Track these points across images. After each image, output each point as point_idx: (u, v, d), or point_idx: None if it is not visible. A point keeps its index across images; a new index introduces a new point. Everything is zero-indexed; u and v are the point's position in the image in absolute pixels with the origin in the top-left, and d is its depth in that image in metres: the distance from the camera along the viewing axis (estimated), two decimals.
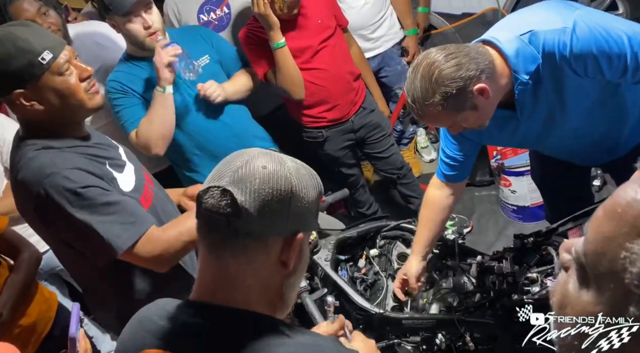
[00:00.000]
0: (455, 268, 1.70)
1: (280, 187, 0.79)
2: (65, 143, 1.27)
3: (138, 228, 1.25)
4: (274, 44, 1.99)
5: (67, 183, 1.19)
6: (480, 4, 3.00)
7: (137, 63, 1.93)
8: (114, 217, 1.23)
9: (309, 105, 2.21)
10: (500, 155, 2.39)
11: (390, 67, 2.82)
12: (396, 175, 2.51)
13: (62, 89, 1.22)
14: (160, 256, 1.28)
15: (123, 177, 1.36)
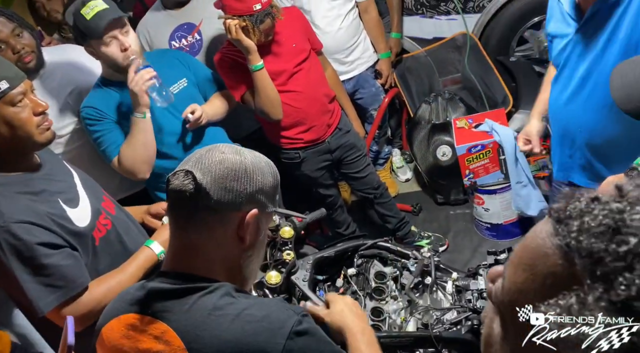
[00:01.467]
0: (431, 286, 1.72)
1: (235, 168, 0.92)
2: (11, 181, 1.26)
3: (63, 293, 1.28)
4: (252, 67, 2.01)
5: (11, 239, 1.20)
6: (450, 29, 3.11)
7: (113, 88, 1.92)
8: (45, 279, 1.25)
9: (285, 126, 2.24)
10: (473, 174, 2.45)
11: (365, 89, 2.88)
12: (373, 195, 2.54)
13: (13, 119, 1.23)
14: (84, 317, 1.31)
15: (76, 213, 1.36)
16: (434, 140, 2.76)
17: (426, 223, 2.90)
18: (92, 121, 1.88)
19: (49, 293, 1.26)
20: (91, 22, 1.72)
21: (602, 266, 0.42)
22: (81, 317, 1.30)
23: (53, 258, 1.25)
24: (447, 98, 2.78)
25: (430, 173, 2.86)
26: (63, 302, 1.28)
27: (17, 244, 1.20)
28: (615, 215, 0.43)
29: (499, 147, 2.37)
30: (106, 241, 1.42)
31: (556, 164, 1.83)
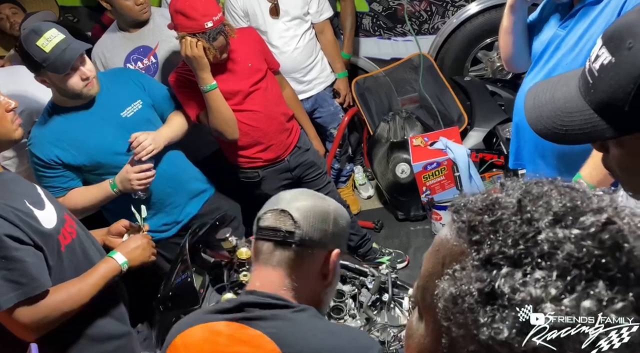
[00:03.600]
0: (388, 303, 1.74)
1: (323, 211, 1.05)
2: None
3: (25, 291, 1.26)
4: (205, 87, 2.00)
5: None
6: (407, 50, 3.20)
7: (63, 114, 1.88)
8: (8, 274, 1.22)
9: (243, 146, 2.24)
10: (430, 191, 2.50)
11: (323, 108, 2.92)
12: None
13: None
14: (38, 323, 1.29)
15: (44, 215, 1.36)
16: (393, 158, 2.82)
17: (388, 240, 2.93)
18: (40, 168, 1.86)
19: (10, 290, 1.23)
20: (51, 55, 1.67)
21: (476, 233, 0.50)
22: (36, 322, 1.28)
23: (18, 252, 1.23)
24: (404, 117, 2.85)
25: (390, 190, 2.91)
26: (23, 300, 1.25)
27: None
28: (492, 198, 0.52)
29: (453, 164, 2.43)
30: (71, 250, 1.41)
31: (512, 152, 1.84)
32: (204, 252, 1.88)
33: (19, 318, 1.26)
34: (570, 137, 0.77)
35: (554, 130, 0.78)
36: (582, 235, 0.47)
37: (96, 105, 1.90)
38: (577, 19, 1.47)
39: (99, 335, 1.48)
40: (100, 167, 1.91)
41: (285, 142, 2.30)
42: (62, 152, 1.85)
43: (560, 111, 0.77)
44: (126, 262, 1.46)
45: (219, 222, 1.84)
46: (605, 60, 0.71)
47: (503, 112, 2.93)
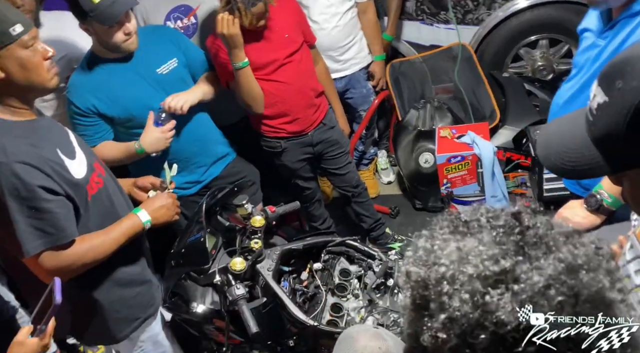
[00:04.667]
0: (393, 288, 1.76)
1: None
2: (17, 126, 1.29)
3: (51, 240, 1.31)
4: (237, 64, 2.01)
5: (12, 178, 1.22)
6: (448, 38, 3.13)
7: (102, 65, 1.92)
8: (37, 222, 1.27)
9: (269, 115, 2.25)
10: (450, 183, 2.49)
11: (356, 89, 2.90)
12: (351, 193, 2.57)
13: (27, 62, 1.27)
14: (62, 270, 1.34)
15: (74, 164, 1.40)
16: (418, 146, 2.79)
17: (402, 227, 2.93)
18: (76, 116, 1.90)
19: (38, 237, 1.28)
20: (99, 6, 1.69)
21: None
22: (59, 269, 1.33)
23: (49, 203, 1.28)
24: (436, 106, 2.81)
25: (411, 178, 2.89)
26: (49, 248, 1.30)
27: (17, 184, 1.23)
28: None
29: (478, 160, 2.40)
30: (97, 199, 1.45)
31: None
32: (219, 215, 1.93)
33: (44, 264, 1.32)
34: (577, 172, 0.81)
35: (562, 166, 0.82)
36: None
37: (134, 60, 1.93)
38: (616, 30, 1.43)
39: (122, 280, 1.54)
40: (132, 120, 1.95)
41: (311, 117, 2.30)
42: (98, 102, 1.90)
43: (567, 148, 0.81)
44: (149, 220, 1.49)
45: (237, 188, 1.87)
46: (600, 99, 0.75)
47: (537, 113, 2.86)
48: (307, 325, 1.58)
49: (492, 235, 0.56)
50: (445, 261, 0.55)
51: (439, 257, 0.56)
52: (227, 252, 1.78)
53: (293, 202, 1.98)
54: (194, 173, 2.15)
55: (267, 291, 1.67)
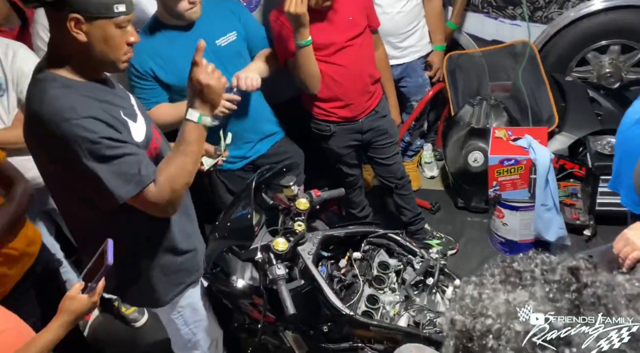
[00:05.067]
0: (432, 287, 1.73)
1: None
2: (84, 86, 1.32)
3: (139, 181, 1.31)
4: (300, 42, 1.97)
5: (83, 132, 1.24)
6: (512, 34, 3.01)
7: (164, 31, 1.92)
8: (119, 168, 1.29)
9: (323, 98, 2.23)
10: (499, 186, 2.41)
11: (411, 78, 2.83)
12: (394, 184, 2.53)
13: (111, 39, 1.29)
14: (167, 203, 1.36)
15: (136, 127, 1.42)
16: (469, 144, 2.72)
17: (441, 224, 2.88)
18: (134, 78, 1.92)
19: (126, 182, 1.29)
20: None
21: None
22: (166, 201, 1.35)
23: (124, 149, 1.30)
24: (491, 104, 2.72)
25: (457, 176, 2.83)
26: (141, 190, 1.31)
27: (90, 136, 1.24)
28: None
29: (532, 166, 2.32)
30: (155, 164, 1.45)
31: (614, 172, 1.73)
32: (264, 193, 1.93)
33: (143, 204, 1.34)
34: None
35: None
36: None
37: (195, 29, 1.93)
38: None
39: (172, 247, 1.57)
40: None
41: (365, 104, 2.26)
42: (156, 67, 1.91)
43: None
44: (200, 115, 1.37)
45: (286, 169, 1.86)
46: None
47: (598, 122, 2.73)
48: (343, 313, 1.57)
49: (545, 290, 0.52)
50: (493, 313, 0.52)
51: (487, 307, 0.53)
52: (269, 231, 1.78)
53: (337, 188, 1.96)
54: (241, 148, 2.15)
55: (306, 274, 1.66)
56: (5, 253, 1.66)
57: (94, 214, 1.42)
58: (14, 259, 1.71)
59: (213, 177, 2.19)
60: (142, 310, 2.61)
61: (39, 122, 1.27)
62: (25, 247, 1.75)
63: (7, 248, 1.67)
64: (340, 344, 1.65)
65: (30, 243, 1.78)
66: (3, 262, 1.67)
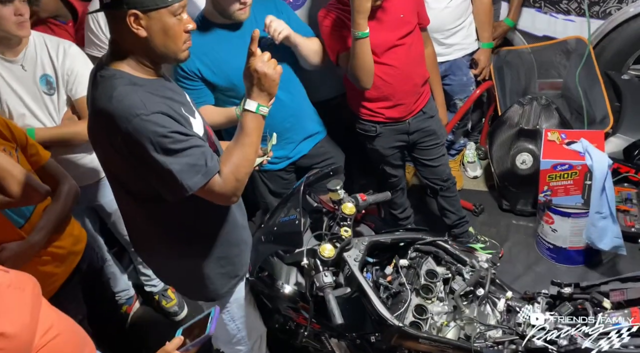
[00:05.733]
0: (482, 298, 1.67)
1: None
2: (148, 83, 1.34)
3: (206, 173, 1.33)
4: (357, 33, 1.90)
5: (153, 127, 1.26)
6: (565, 30, 2.87)
7: (211, 29, 1.90)
8: (189, 159, 1.31)
9: (370, 98, 2.17)
10: (551, 191, 2.31)
11: (455, 76, 2.74)
12: (440, 186, 2.46)
13: (170, 29, 1.30)
14: (231, 192, 1.38)
15: (196, 122, 1.43)
16: (517, 145, 2.62)
17: (485, 227, 2.80)
18: (181, 78, 1.90)
19: (195, 173, 1.31)
20: None
21: None
22: (230, 190, 1.37)
23: (190, 141, 1.31)
24: (542, 104, 2.60)
25: (504, 178, 2.73)
26: (208, 181, 1.33)
27: (160, 131, 1.26)
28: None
29: (587, 171, 2.21)
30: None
31: None
32: (308, 195, 1.90)
33: (215, 191, 1.36)
34: None
35: None
36: None
37: (242, 29, 1.91)
38: None
39: (228, 240, 1.59)
40: (234, 89, 1.94)
41: (413, 105, 2.20)
42: (203, 66, 1.90)
43: None
44: (258, 105, 1.39)
45: (333, 172, 1.83)
46: None
47: None
48: (391, 324, 1.53)
49: None
50: None
51: None
52: (314, 236, 1.76)
53: (383, 191, 1.92)
54: (284, 149, 2.12)
55: (352, 281, 1.63)
56: (52, 252, 1.69)
57: (154, 208, 1.44)
58: (61, 258, 1.73)
59: (255, 177, 2.18)
60: (182, 305, 2.65)
61: (108, 118, 1.28)
62: (72, 246, 1.77)
63: (54, 247, 1.69)
64: None
65: (76, 242, 1.80)
66: (50, 261, 1.69)
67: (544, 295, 1.58)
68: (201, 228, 1.53)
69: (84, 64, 1.94)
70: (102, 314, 2.02)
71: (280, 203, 1.82)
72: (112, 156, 1.37)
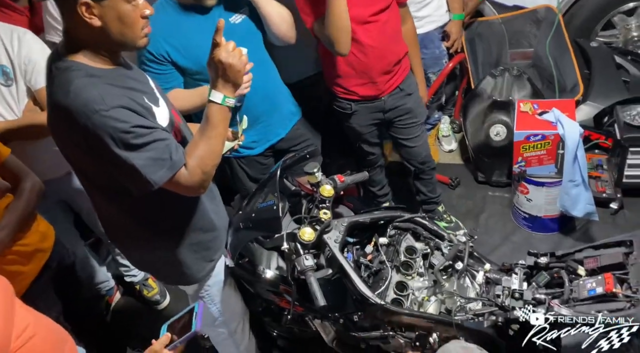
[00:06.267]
0: (461, 272, 1.70)
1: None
2: (107, 73, 1.29)
3: (172, 166, 1.31)
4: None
5: (114, 122, 1.23)
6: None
7: (180, 12, 1.83)
8: (152, 154, 1.28)
9: (343, 75, 2.14)
10: (525, 162, 2.34)
11: (427, 50, 2.72)
12: (416, 168, 2.46)
13: (125, 16, 1.25)
14: (198, 185, 1.37)
15: (159, 111, 1.40)
16: (491, 117, 2.63)
17: (461, 200, 2.83)
18: (148, 63, 1.84)
19: (160, 167, 1.29)
20: None
21: None
22: (197, 183, 1.36)
23: (154, 134, 1.29)
24: (514, 75, 2.61)
25: (478, 150, 2.76)
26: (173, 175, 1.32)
27: (121, 126, 1.23)
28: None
29: (560, 141, 2.24)
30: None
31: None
32: (285, 178, 1.88)
33: (176, 187, 1.35)
34: None
35: None
36: None
37: (213, 11, 1.85)
38: None
39: (203, 225, 1.58)
40: (204, 72, 1.86)
41: (387, 83, 2.18)
42: (172, 49, 1.83)
43: None
44: (224, 96, 1.36)
45: (309, 155, 1.81)
46: None
47: (626, 90, 2.63)
48: (373, 302, 1.55)
49: None
50: None
51: None
52: (294, 220, 1.75)
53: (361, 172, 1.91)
54: (261, 132, 2.09)
55: (333, 263, 1.64)
56: (18, 250, 1.64)
57: (122, 201, 1.42)
58: (28, 255, 1.69)
59: (233, 164, 2.14)
60: (164, 293, 2.63)
61: (66, 113, 1.24)
62: (38, 243, 1.72)
63: (19, 245, 1.65)
64: (370, 333, 1.63)
65: (43, 239, 1.75)
66: (16, 260, 1.65)
67: (521, 266, 1.61)
68: (169, 219, 1.51)
69: (41, 51, 1.85)
70: (80, 309, 1.99)
71: (257, 188, 1.80)
72: (74, 150, 1.33)
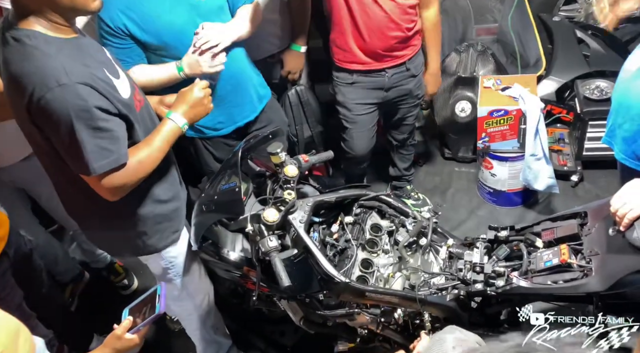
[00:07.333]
0: (425, 247, 1.72)
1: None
2: (65, 43, 1.26)
3: (116, 160, 1.31)
4: None
5: (75, 99, 1.21)
6: None
7: None
8: (101, 142, 1.27)
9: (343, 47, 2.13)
10: (489, 138, 2.37)
11: None
12: (397, 143, 2.49)
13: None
14: (117, 189, 1.37)
15: (120, 83, 1.38)
16: (456, 93, 2.65)
17: (428, 176, 2.86)
18: (106, 35, 1.75)
19: (104, 157, 1.29)
20: None
21: None
22: (120, 187, 1.36)
23: (109, 123, 1.29)
24: (479, 51, 2.62)
25: (445, 126, 2.78)
26: (111, 169, 1.32)
27: (81, 104, 1.22)
28: None
29: (521, 115, 2.27)
30: (141, 117, 1.46)
31: (607, 127, 1.71)
32: (250, 159, 1.86)
33: (107, 183, 1.34)
34: None
35: None
36: None
37: None
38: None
39: (158, 198, 1.57)
40: (165, 48, 1.81)
41: (395, 51, 2.13)
42: (130, 23, 1.74)
43: None
44: (186, 123, 1.48)
45: (272, 135, 1.79)
46: None
47: (587, 64, 2.68)
48: (338, 281, 1.56)
49: None
50: None
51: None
52: (258, 201, 1.73)
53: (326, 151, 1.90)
54: (227, 113, 2.03)
55: (299, 243, 1.63)
56: None
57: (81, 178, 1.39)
58: None
59: (198, 145, 2.10)
60: (132, 277, 2.60)
61: (25, 83, 1.20)
62: None
63: None
64: (336, 311, 1.65)
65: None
66: None
67: (482, 240, 1.64)
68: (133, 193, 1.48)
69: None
70: (45, 296, 1.95)
71: (220, 169, 1.77)
72: (31, 124, 1.29)
